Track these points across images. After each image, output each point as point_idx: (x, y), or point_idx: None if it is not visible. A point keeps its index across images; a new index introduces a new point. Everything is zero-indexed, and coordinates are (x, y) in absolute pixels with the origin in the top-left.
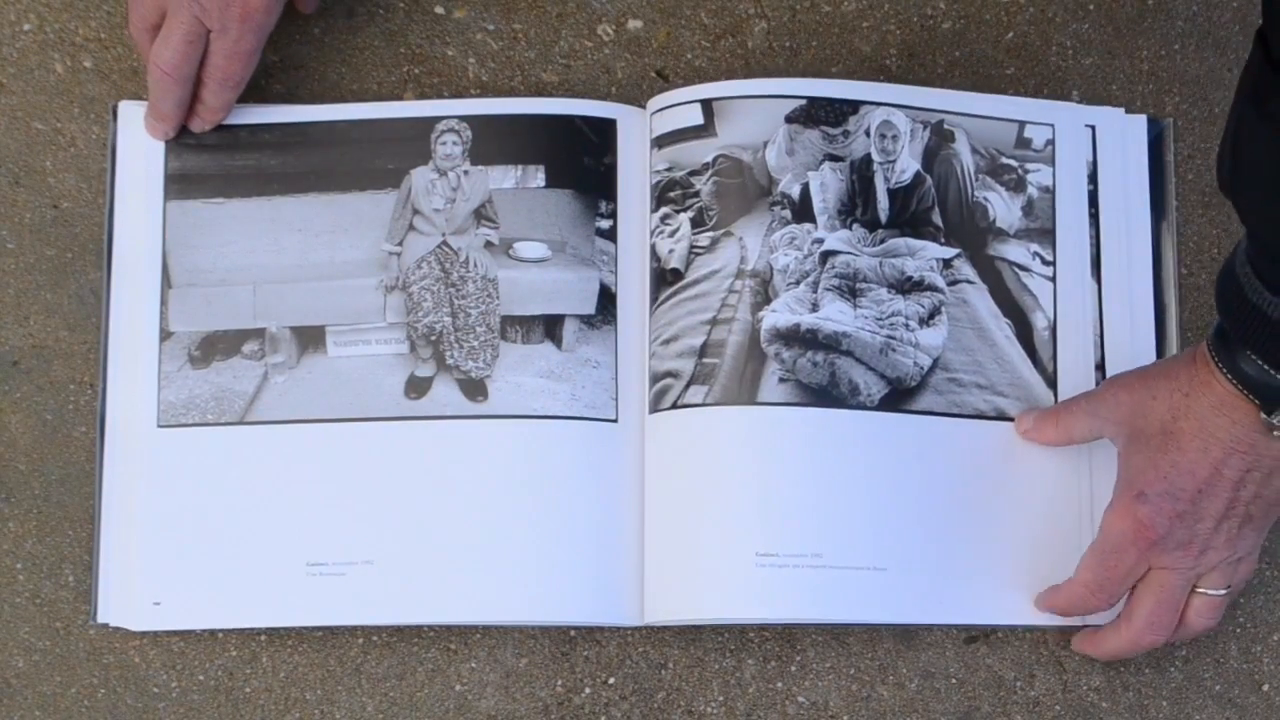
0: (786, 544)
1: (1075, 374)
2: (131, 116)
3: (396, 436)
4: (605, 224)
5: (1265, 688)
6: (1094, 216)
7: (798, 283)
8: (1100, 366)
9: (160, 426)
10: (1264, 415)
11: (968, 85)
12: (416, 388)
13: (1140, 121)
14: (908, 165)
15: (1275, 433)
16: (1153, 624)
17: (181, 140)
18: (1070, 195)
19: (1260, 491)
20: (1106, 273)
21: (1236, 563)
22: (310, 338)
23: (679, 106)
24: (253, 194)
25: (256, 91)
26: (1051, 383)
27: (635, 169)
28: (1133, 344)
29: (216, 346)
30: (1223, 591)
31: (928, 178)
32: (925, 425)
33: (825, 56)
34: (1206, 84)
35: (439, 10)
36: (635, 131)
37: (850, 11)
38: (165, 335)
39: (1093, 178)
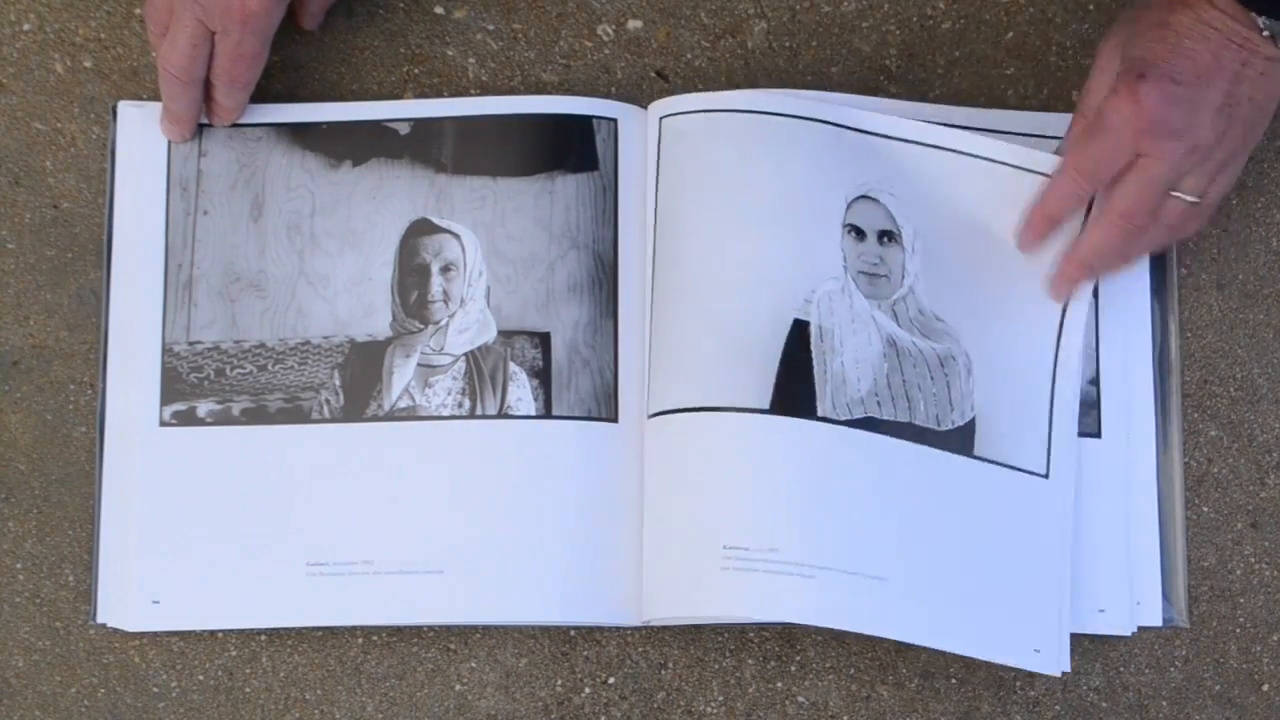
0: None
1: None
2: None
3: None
4: None
5: (1265, 688)
6: None
7: None
8: (1095, 381)
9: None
10: (1259, 18)
11: (967, 85)
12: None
13: None
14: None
15: (1265, 33)
16: (1128, 214)
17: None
18: None
19: (1254, 93)
20: (1104, 283)
21: (1216, 170)
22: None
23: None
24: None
25: (257, 91)
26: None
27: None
28: (1127, 352)
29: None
30: (1196, 199)
31: None
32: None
33: (825, 56)
34: None
35: (439, 10)
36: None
37: (850, 11)
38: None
39: None
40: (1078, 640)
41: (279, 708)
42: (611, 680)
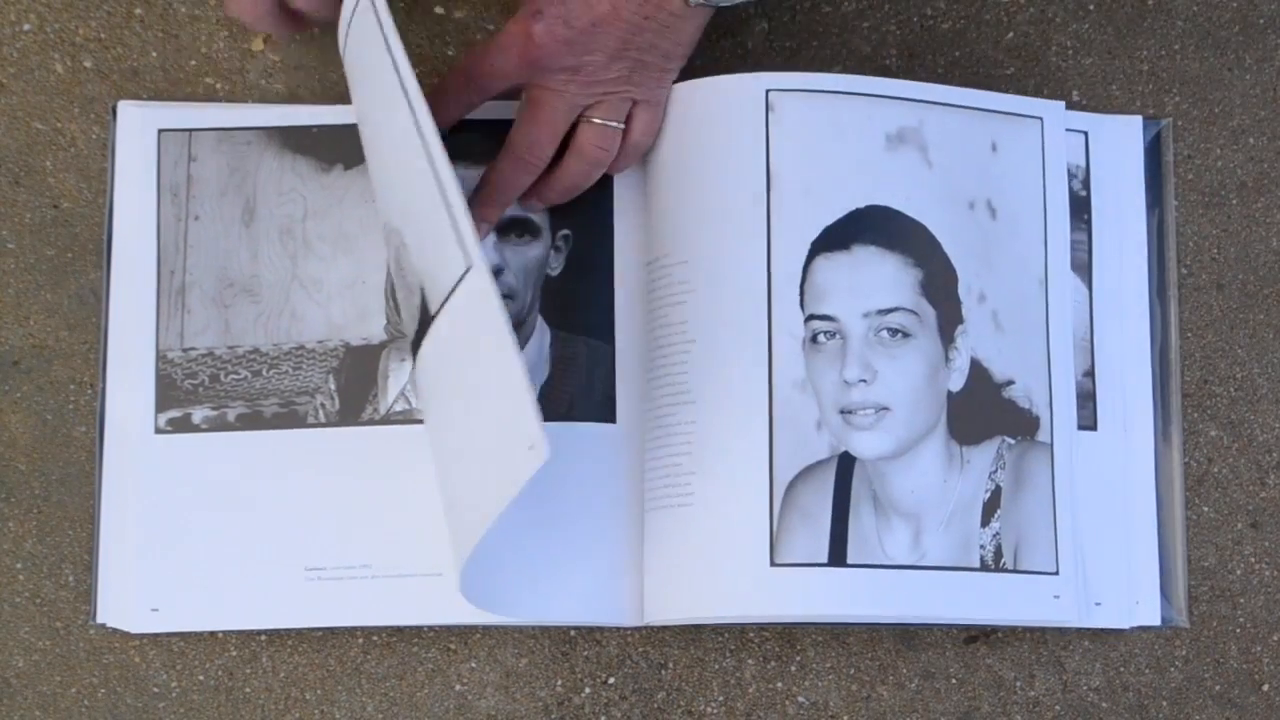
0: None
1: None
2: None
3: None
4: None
5: (1265, 688)
6: (1086, 221)
7: None
8: (1090, 373)
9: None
10: None
11: (967, 85)
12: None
13: (1135, 123)
14: None
15: None
16: (531, 144)
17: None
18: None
19: (658, 42)
20: (1097, 277)
21: (631, 102)
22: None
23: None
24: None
25: (256, 91)
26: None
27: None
28: (1123, 348)
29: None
30: (613, 123)
31: None
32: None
33: (825, 56)
34: (1206, 84)
35: (439, 10)
36: None
37: (850, 11)
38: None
39: (1085, 183)
40: (1078, 640)
41: (279, 708)
42: (611, 680)
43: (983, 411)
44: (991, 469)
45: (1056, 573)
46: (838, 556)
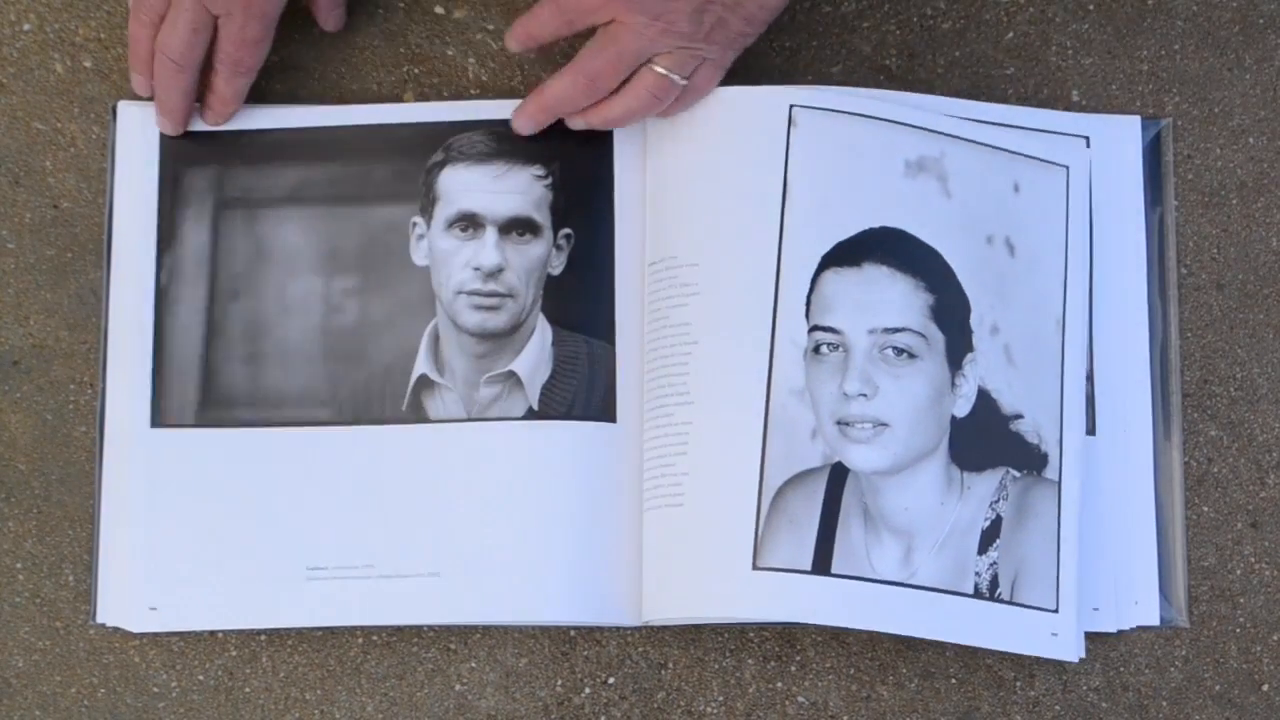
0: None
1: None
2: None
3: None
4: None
5: (1265, 688)
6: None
7: None
8: (1090, 377)
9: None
10: None
11: (967, 85)
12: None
13: (1135, 122)
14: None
15: None
16: (593, 73)
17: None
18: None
19: (740, 4)
20: (1097, 278)
21: (699, 62)
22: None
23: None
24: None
25: (256, 92)
26: None
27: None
28: (1123, 349)
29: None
30: (676, 76)
31: None
32: None
33: (825, 56)
34: (1206, 84)
35: (439, 10)
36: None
37: (850, 11)
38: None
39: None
40: None
41: (279, 708)
42: (611, 680)
43: (988, 440)
44: (993, 498)
45: (1056, 610)
46: (822, 565)
